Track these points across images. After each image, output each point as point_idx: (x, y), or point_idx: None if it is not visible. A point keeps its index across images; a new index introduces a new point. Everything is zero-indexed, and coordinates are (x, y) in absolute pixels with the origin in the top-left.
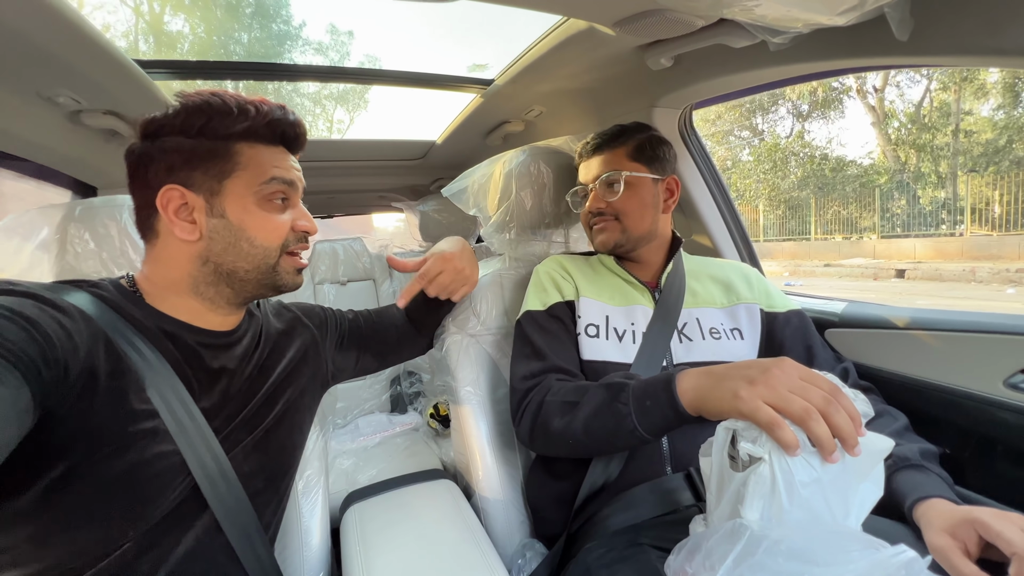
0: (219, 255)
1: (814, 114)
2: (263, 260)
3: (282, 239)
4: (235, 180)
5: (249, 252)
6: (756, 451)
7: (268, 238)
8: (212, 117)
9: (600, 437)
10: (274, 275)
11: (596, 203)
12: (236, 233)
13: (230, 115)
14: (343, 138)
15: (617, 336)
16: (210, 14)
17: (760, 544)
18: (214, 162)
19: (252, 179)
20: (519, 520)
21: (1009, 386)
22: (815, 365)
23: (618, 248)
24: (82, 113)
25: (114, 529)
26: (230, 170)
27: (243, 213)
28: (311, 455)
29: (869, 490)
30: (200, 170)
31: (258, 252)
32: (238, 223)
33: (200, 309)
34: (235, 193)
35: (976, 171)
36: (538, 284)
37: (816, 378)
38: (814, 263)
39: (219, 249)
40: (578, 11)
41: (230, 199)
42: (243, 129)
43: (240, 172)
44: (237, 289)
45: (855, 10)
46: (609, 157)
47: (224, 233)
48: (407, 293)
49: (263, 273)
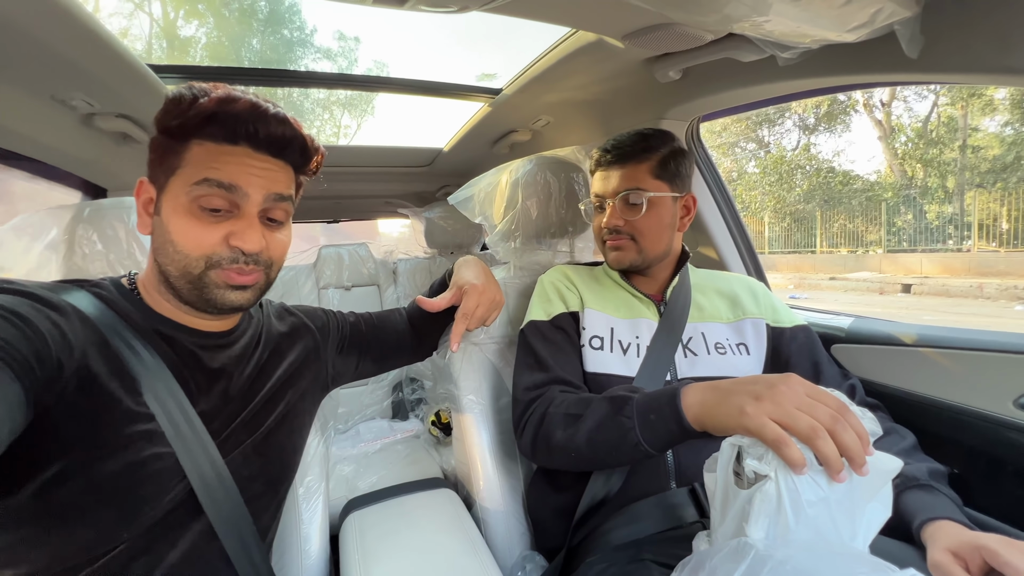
0: (156, 252)
1: (820, 127)
2: (185, 268)
3: (205, 252)
4: (176, 178)
5: (174, 256)
6: (762, 468)
7: (188, 247)
8: (167, 110)
9: (603, 450)
10: (203, 287)
11: (614, 220)
12: (164, 234)
13: (179, 106)
14: (351, 144)
15: (622, 349)
16: (223, 20)
17: (765, 564)
18: (166, 157)
19: (187, 179)
20: (520, 532)
21: (1019, 406)
22: (821, 381)
23: (632, 267)
24: (95, 116)
25: (107, 532)
26: (176, 166)
27: (172, 214)
28: (312, 460)
29: (877, 510)
30: (158, 165)
31: (180, 259)
32: (166, 223)
33: (183, 311)
34: (172, 192)
35: (983, 187)
36: (543, 294)
37: (823, 395)
38: (819, 276)
39: (156, 246)
40: (588, 24)
41: (167, 197)
42: (185, 120)
43: (182, 170)
44: (178, 296)
45: (865, 27)
46: (632, 172)
47: (159, 231)
48: (456, 336)
49: (190, 283)
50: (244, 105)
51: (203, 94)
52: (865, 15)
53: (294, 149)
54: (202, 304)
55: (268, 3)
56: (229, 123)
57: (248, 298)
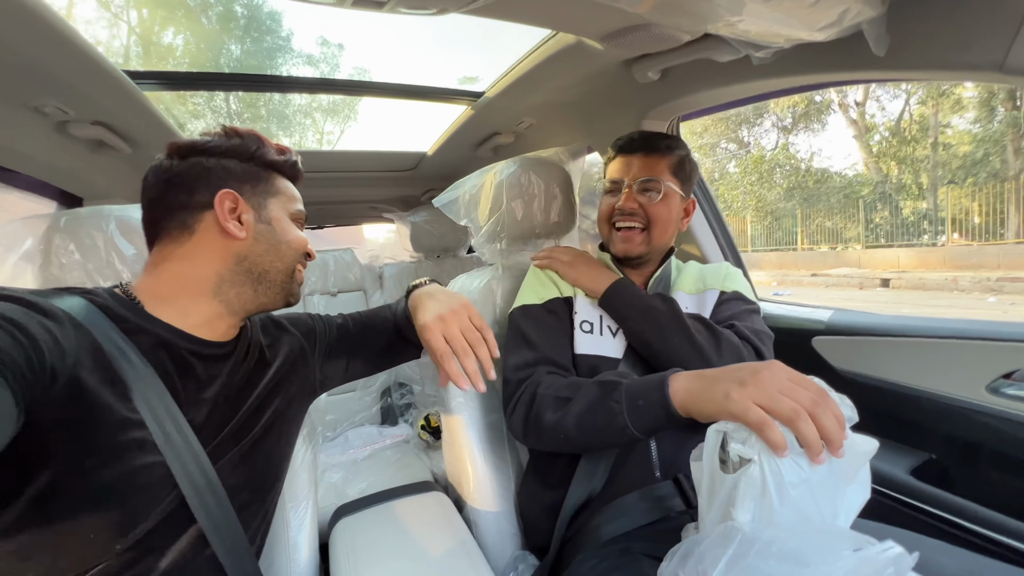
0: (259, 255)
1: (798, 127)
2: (291, 262)
3: (304, 249)
4: (275, 200)
5: (287, 254)
6: (746, 452)
7: (299, 244)
8: (262, 147)
9: (591, 433)
10: (291, 282)
11: (630, 202)
12: (279, 236)
13: (272, 150)
14: (334, 149)
15: (611, 332)
16: (201, 27)
17: (752, 546)
18: (260, 183)
19: (287, 203)
20: (511, 532)
21: (991, 391)
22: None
23: (638, 257)
24: (69, 124)
25: (99, 543)
26: (272, 192)
27: (283, 223)
28: (299, 468)
29: (856, 491)
30: (249, 186)
31: (291, 255)
32: (280, 230)
33: (206, 313)
34: (276, 208)
35: (955, 183)
36: (536, 279)
37: (805, 381)
38: (801, 273)
39: (261, 249)
40: (566, 25)
41: (273, 212)
42: (281, 163)
43: (279, 196)
44: (259, 292)
45: (834, 27)
46: (654, 163)
47: (268, 236)
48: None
49: (287, 276)
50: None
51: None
52: (833, 15)
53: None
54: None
55: (248, 9)
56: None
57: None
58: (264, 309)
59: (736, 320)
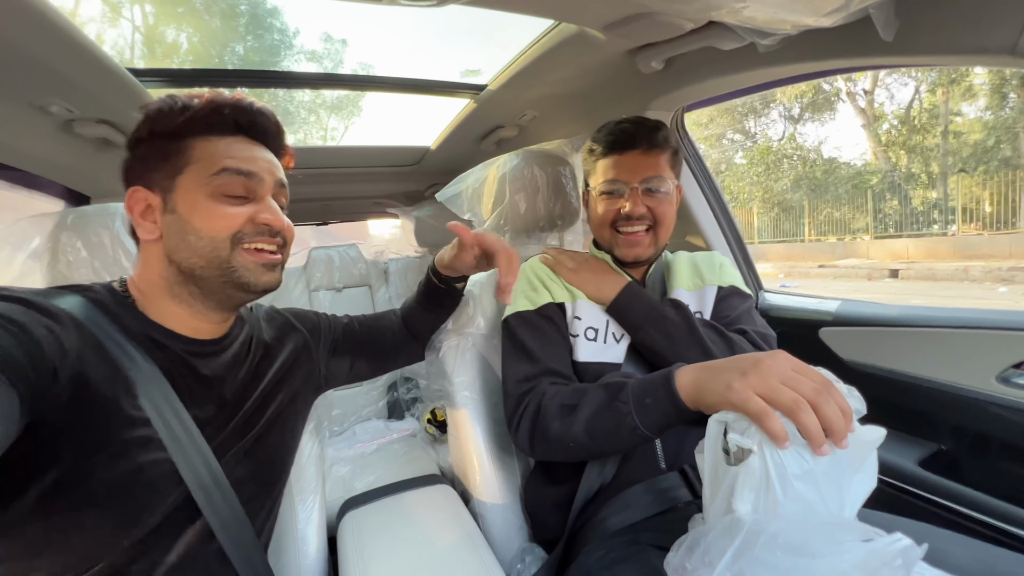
0: (174, 251)
1: (805, 116)
2: (212, 252)
3: (231, 230)
4: (187, 175)
5: (196, 245)
6: (745, 442)
7: (214, 228)
8: (159, 116)
9: (601, 437)
10: (231, 271)
11: (638, 207)
12: (184, 227)
13: (173, 110)
14: (338, 145)
15: (615, 339)
16: (205, 24)
17: (758, 538)
18: (167, 159)
19: (202, 172)
20: (517, 525)
21: (1001, 381)
22: None
23: (646, 260)
24: (75, 122)
25: (106, 539)
26: (182, 165)
27: (191, 206)
28: (307, 462)
29: (862, 481)
30: (156, 170)
31: (205, 244)
32: (186, 216)
33: (183, 315)
34: (185, 188)
35: (966, 171)
36: (528, 283)
37: (809, 371)
38: (808, 264)
39: (173, 245)
40: (568, 15)
41: (180, 194)
42: (185, 120)
43: (192, 166)
44: (204, 289)
45: (840, 11)
46: (655, 160)
47: (175, 228)
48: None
49: (218, 268)
50: (234, 100)
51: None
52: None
53: (278, 138)
54: (233, 290)
55: (251, 6)
56: (228, 118)
57: (278, 278)
58: (233, 303)
59: (744, 323)
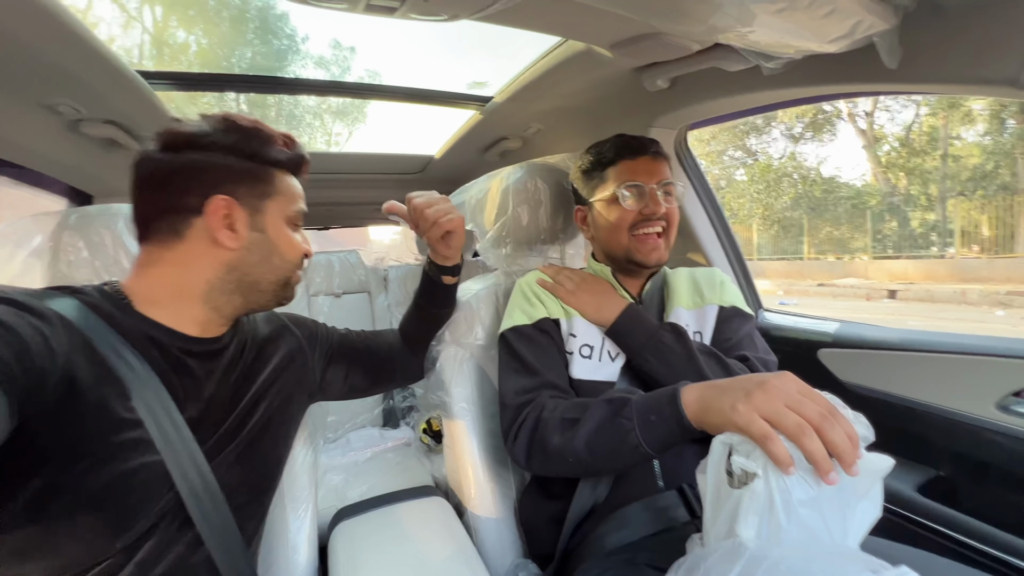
0: (251, 266)
1: (806, 135)
2: (284, 274)
3: (300, 257)
4: (272, 202)
5: (279, 266)
6: (749, 465)
7: (293, 255)
8: (264, 143)
9: (602, 454)
10: (286, 288)
11: (659, 205)
12: (272, 248)
13: (275, 145)
14: (342, 151)
15: (610, 358)
16: (214, 28)
17: (759, 565)
18: (257, 184)
19: (285, 204)
20: (511, 539)
21: (1001, 408)
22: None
23: (663, 263)
24: (82, 122)
25: (98, 542)
26: (270, 193)
27: (278, 231)
28: (300, 470)
29: (867, 509)
30: (245, 187)
31: (285, 267)
32: (275, 239)
33: (198, 317)
34: (272, 213)
35: (964, 195)
36: (524, 297)
37: (814, 395)
38: (807, 283)
39: (253, 260)
40: (576, 33)
41: (269, 218)
42: (284, 159)
43: (277, 196)
44: (250, 300)
45: (845, 38)
46: (661, 164)
47: (262, 246)
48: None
49: (280, 286)
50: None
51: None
52: (845, 27)
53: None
54: (275, 302)
55: (260, 12)
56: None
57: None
58: (256, 311)
59: (745, 348)
